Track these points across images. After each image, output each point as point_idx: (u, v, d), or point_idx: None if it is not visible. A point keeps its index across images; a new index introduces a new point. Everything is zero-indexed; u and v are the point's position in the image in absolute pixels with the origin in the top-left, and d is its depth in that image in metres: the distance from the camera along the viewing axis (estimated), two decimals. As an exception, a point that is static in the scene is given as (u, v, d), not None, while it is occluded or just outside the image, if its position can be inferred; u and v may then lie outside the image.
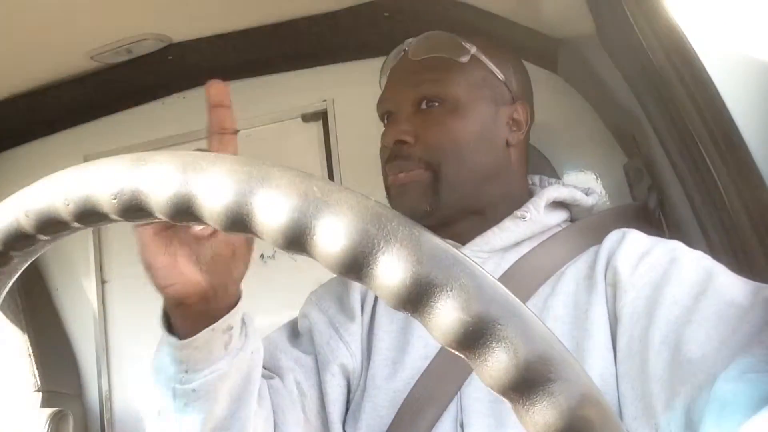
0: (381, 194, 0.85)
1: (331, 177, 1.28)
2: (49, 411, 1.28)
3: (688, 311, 0.57)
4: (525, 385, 0.21)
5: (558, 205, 0.81)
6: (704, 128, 0.75)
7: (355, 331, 0.78)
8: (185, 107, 1.36)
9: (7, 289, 0.32)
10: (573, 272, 0.72)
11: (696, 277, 0.60)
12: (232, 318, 0.55)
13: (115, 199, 0.25)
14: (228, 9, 1.10)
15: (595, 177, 0.84)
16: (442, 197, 0.76)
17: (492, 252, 0.77)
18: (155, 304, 0.55)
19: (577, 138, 1.06)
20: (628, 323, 0.63)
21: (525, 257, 0.74)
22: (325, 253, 0.22)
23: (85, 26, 1.08)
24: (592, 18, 0.89)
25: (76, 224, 0.27)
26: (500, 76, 0.80)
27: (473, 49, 0.80)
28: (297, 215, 0.22)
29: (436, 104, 0.78)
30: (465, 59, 0.79)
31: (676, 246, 0.66)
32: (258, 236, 0.24)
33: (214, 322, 0.54)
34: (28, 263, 0.32)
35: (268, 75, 1.30)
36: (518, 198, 0.80)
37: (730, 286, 0.58)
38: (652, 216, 0.88)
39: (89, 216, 0.27)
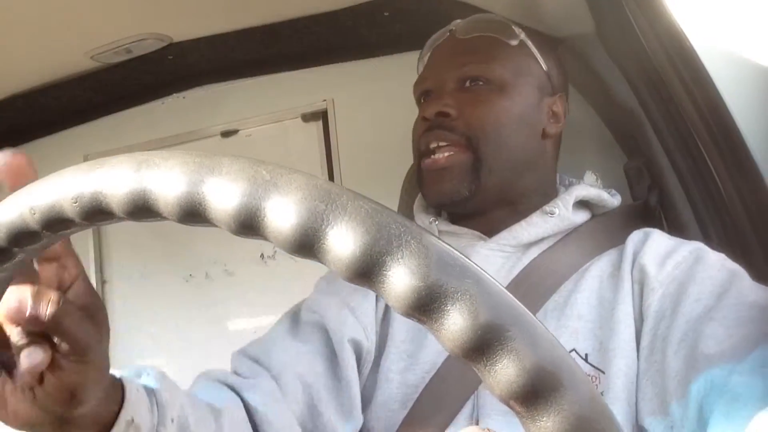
0: (381, 194, 0.84)
1: (331, 177, 1.28)
2: (48, 411, 1.28)
3: (709, 309, 0.57)
4: (485, 344, 0.21)
5: (583, 204, 0.80)
6: (704, 128, 0.74)
7: (368, 309, 0.75)
8: (185, 107, 1.36)
9: None
10: (597, 270, 0.72)
11: (720, 278, 0.61)
12: (129, 411, 0.44)
13: (76, 202, 0.26)
14: (228, 9, 1.10)
15: (595, 177, 0.84)
16: (481, 182, 0.75)
17: (517, 246, 0.76)
18: (155, 304, 0.54)
19: (577, 138, 1.06)
20: (653, 321, 0.63)
21: (546, 253, 0.74)
22: (277, 233, 0.22)
23: (85, 26, 1.08)
24: (592, 18, 0.89)
25: (47, 233, 0.28)
26: (544, 65, 0.80)
27: (522, 34, 0.80)
28: (247, 199, 0.23)
29: (481, 83, 0.77)
30: (514, 42, 0.79)
31: (701, 246, 0.67)
32: (213, 224, 0.24)
33: (112, 420, 0.43)
34: (11, 278, 0.32)
35: (268, 75, 1.30)
36: (549, 192, 0.80)
37: (752, 289, 0.58)
38: (653, 215, 0.88)
39: (56, 223, 0.27)
